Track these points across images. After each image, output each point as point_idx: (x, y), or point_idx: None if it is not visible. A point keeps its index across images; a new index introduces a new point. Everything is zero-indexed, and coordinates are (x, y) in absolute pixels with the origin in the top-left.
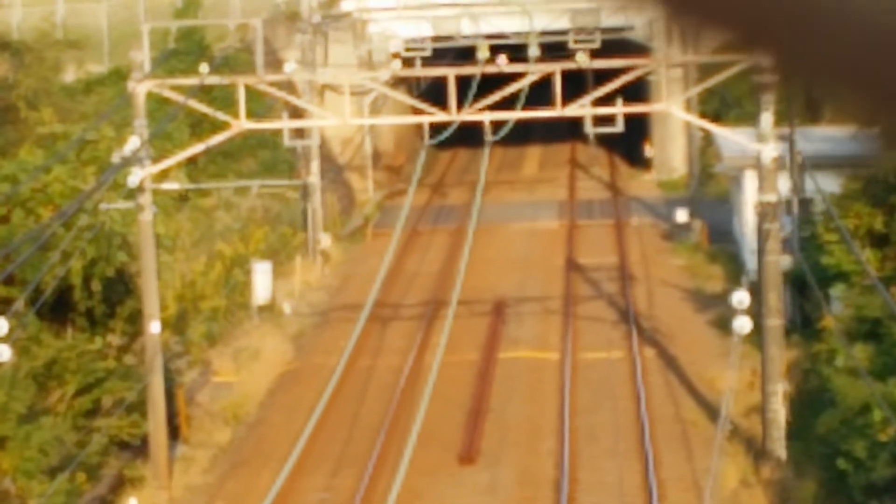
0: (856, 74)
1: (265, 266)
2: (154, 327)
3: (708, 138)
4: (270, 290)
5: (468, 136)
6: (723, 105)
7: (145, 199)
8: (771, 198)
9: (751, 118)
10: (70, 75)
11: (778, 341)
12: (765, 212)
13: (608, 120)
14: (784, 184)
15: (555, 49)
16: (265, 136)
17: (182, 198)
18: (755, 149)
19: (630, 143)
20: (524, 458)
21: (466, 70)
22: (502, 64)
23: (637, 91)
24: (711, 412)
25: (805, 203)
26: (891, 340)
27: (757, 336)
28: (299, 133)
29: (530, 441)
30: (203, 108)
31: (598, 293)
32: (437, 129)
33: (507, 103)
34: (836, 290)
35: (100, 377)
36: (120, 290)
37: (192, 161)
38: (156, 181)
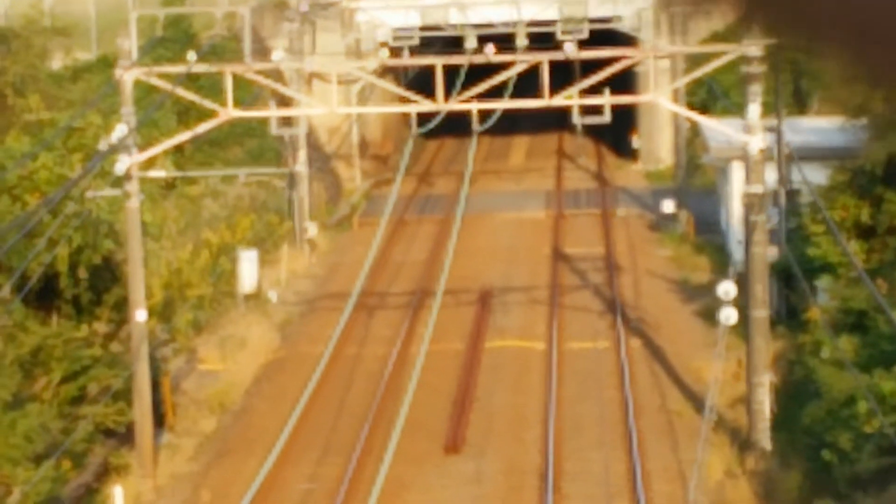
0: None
1: (251, 254)
2: (140, 315)
3: (695, 129)
4: (257, 279)
5: (455, 125)
6: (710, 96)
7: (132, 186)
8: (758, 189)
9: (738, 109)
10: (57, 62)
11: (764, 332)
12: (751, 203)
13: (595, 110)
14: (771, 175)
15: (543, 39)
16: (252, 124)
17: (169, 186)
18: (742, 140)
19: (617, 134)
20: (510, 448)
21: (454, 59)
22: (490, 54)
23: (624, 81)
24: (697, 403)
25: (792, 194)
26: (876, 332)
27: (743, 327)
28: (286, 121)
29: (516, 430)
30: (190, 96)
31: (585, 283)
32: (424, 118)
33: (495, 93)
34: (823, 282)
35: (86, 365)
36: (106, 277)
37: (178, 149)
38: (142, 169)
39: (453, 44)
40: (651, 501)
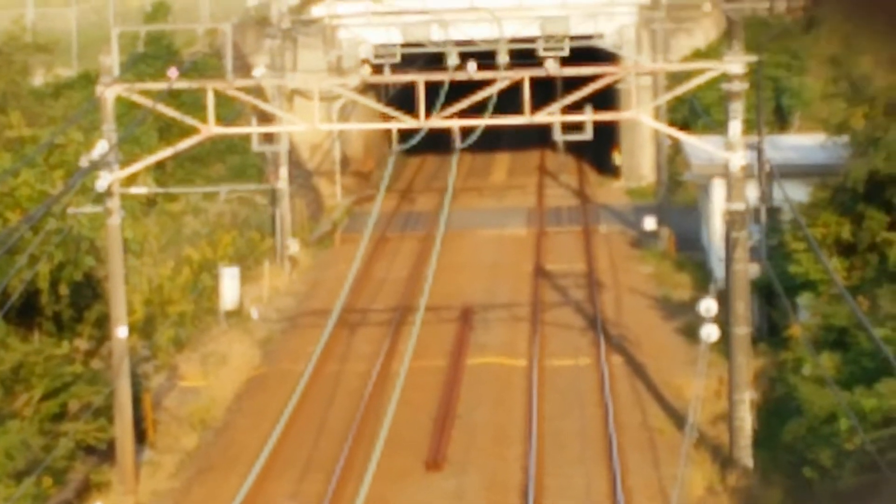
0: None
1: (233, 271)
2: (121, 332)
3: (676, 146)
4: (238, 296)
5: (437, 142)
6: (692, 113)
7: (113, 203)
8: (739, 206)
9: (719, 126)
10: (39, 79)
11: (745, 349)
12: (733, 220)
13: (577, 127)
14: (752, 192)
15: (524, 56)
16: (234, 141)
17: (150, 202)
18: (723, 157)
19: (599, 151)
20: (491, 464)
21: (436, 76)
22: (472, 71)
23: (606, 99)
24: (678, 420)
25: (773, 212)
26: (857, 349)
27: (724, 344)
28: (268, 138)
29: (497, 447)
30: (172, 112)
31: (566, 300)
32: (406, 135)
33: (477, 110)
34: (804, 299)
35: (67, 381)
36: (87, 294)
37: (160, 166)
38: (124, 185)
39: (435, 61)
40: None
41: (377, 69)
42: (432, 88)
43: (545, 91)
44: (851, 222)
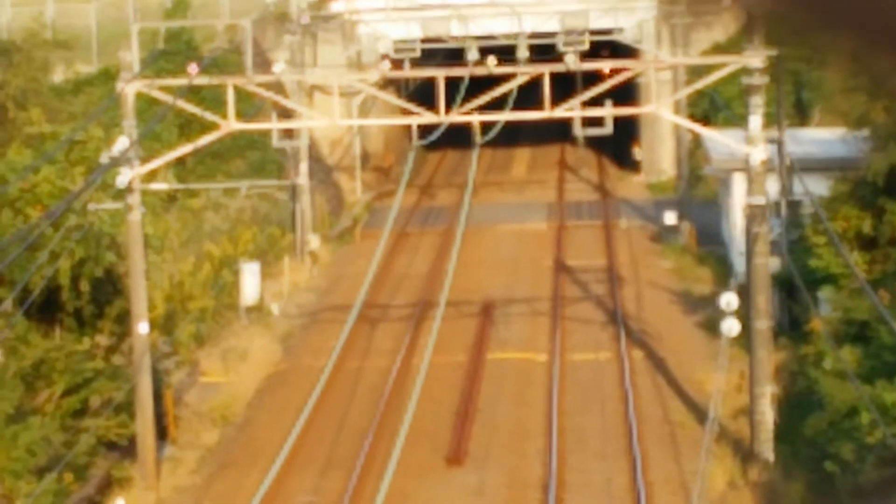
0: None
1: (253, 267)
2: (142, 328)
3: (697, 140)
4: (259, 291)
5: (457, 137)
6: (712, 107)
7: (134, 199)
8: (759, 200)
9: (740, 120)
10: (59, 75)
11: (766, 344)
12: (753, 214)
13: (597, 122)
14: (772, 186)
15: (544, 51)
16: (254, 136)
17: (171, 198)
18: (744, 151)
19: (619, 145)
20: (512, 460)
21: (455, 71)
22: (491, 65)
23: (626, 93)
24: (699, 414)
25: (793, 205)
26: (878, 343)
27: (745, 338)
28: (288, 134)
29: (518, 442)
30: (192, 108)
31: (587, 295)
32: (426, 130)
33: (497, 105)
34: (825, 293)
35: (88, 377)
36: (108, 290)
37: (180, 162)
38: (144, 182)
39: (455, 56)
40: None
41: (397, 64)
42: (452, 83)
43: (565, 86)
44: (872, 216)
